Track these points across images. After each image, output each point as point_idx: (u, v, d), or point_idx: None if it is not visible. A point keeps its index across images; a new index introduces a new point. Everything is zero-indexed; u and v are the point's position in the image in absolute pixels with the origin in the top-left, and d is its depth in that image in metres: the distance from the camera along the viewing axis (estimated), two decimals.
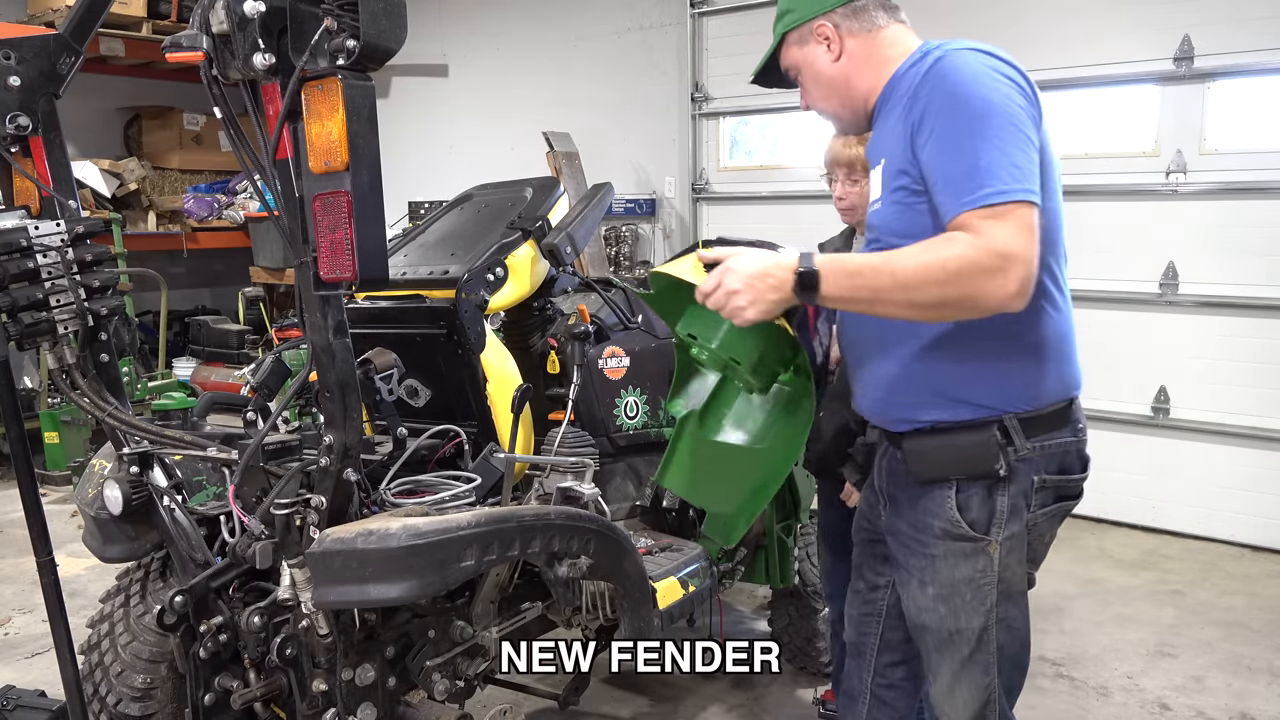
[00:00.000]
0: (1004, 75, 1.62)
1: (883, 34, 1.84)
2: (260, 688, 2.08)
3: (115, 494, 2.18)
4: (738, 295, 1.67)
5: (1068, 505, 1.85)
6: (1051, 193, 1.70)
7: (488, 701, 2.91)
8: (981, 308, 1.56)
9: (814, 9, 1.84)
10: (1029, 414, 1.73)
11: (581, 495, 2.32)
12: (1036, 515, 1.80)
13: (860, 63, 1.84)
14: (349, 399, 1.87)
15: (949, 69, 1.64)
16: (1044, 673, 3.58)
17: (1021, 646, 1.87)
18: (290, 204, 1.76)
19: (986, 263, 1.52)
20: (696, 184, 6.85)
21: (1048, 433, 1.75)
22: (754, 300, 1.66)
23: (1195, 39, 4.82)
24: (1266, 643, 3.84)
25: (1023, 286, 1.53)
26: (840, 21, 1.83)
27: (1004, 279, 1.52)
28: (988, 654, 1.83)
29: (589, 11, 7.25)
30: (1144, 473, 5.23)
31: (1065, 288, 1.80)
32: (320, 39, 1.61)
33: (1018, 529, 1.78)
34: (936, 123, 1.62)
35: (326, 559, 1.86)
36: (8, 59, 2.01)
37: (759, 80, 2.03)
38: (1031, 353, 1.73)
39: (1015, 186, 1.54)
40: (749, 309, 1.67)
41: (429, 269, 2.68)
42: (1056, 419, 1.76)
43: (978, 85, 1.61)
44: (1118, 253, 5.18)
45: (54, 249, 2.05)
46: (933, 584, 1.83)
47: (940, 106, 1.62)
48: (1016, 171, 1.55)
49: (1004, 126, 1.57)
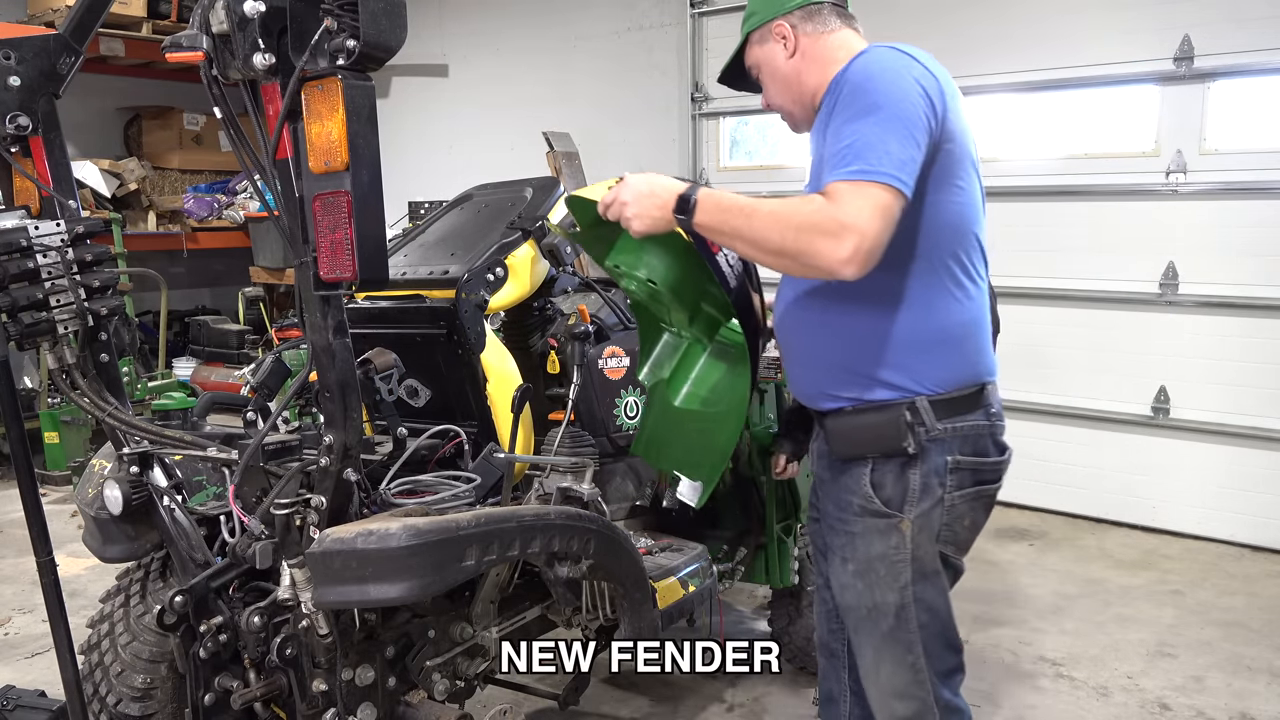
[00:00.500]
0: (909, 75, 1.74)
1: (834, 36, 1.97)
2: (260, 688, 2.08)
3: (115, 494, 2.18)
4: (627, 206, 1.86)
5: (987, 490, 1.92)
6: (961, 189, 1.82)
7: (488, 701, 2.91)
8: (814, 266, 1.68)
9: (773, 11, 1.99)
10: (939, 396, 1.84)
11: (581, 495, 2.32)
12: (953, 496, 1.87)
13: (811, 61, 1.96)
14: (349, 399, 1.87)
15: (859, 65, 1.77)
16: (1044, 673, 3.59)
17: (945, 627, 1.94)
18: (290, 204, 1.76)
19: (826, 226, 1.64)
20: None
21: (958, 415, 1.85)
22: (639, 213, 1.85)
23: (1195, 39, 4.82)
24: (1266, 643, 3.84)
25: (854, 255, 1.63)
26: (797, 22, 1.97)
27: (836, 244, 1.63)
28: (908, 632, 1.90)
29: (589, 11, 7.25)
30: (1144, 473, 5.23)
31: (979, 278, 1.89)
32: (320, 39, 1.61)
33: (929, 507, 1.86)
34: (838, 112, 1.76)
35: (326, 559, 1.86)
36: (8, 59, 2.01)
37: (726, 81, 2.17)
38: (943, 339, 1.84)
39: (879, 169, 1.65)
40: (634, 220, 1.86)
41: (429, 269, 2.68)
42: (967, 402, 1.87)
43: (877, 80, 1.73)
44: (1118, 253, 5.19)
45: (54, 249, 2.05)
46: (852, 560, 1.93)
47: (844, 98, 1.76)
48: (887, 157, 1.66)
49: (890, 118, 1.69)
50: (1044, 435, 5.50)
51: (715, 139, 6.83)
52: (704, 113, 6.80)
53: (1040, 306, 5.45)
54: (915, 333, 1.83)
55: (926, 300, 1.81)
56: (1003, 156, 5.56)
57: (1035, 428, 5.52)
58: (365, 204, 1.67)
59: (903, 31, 5.67)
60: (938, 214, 1.79)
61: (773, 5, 1.99)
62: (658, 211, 1.83)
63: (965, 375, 1.87)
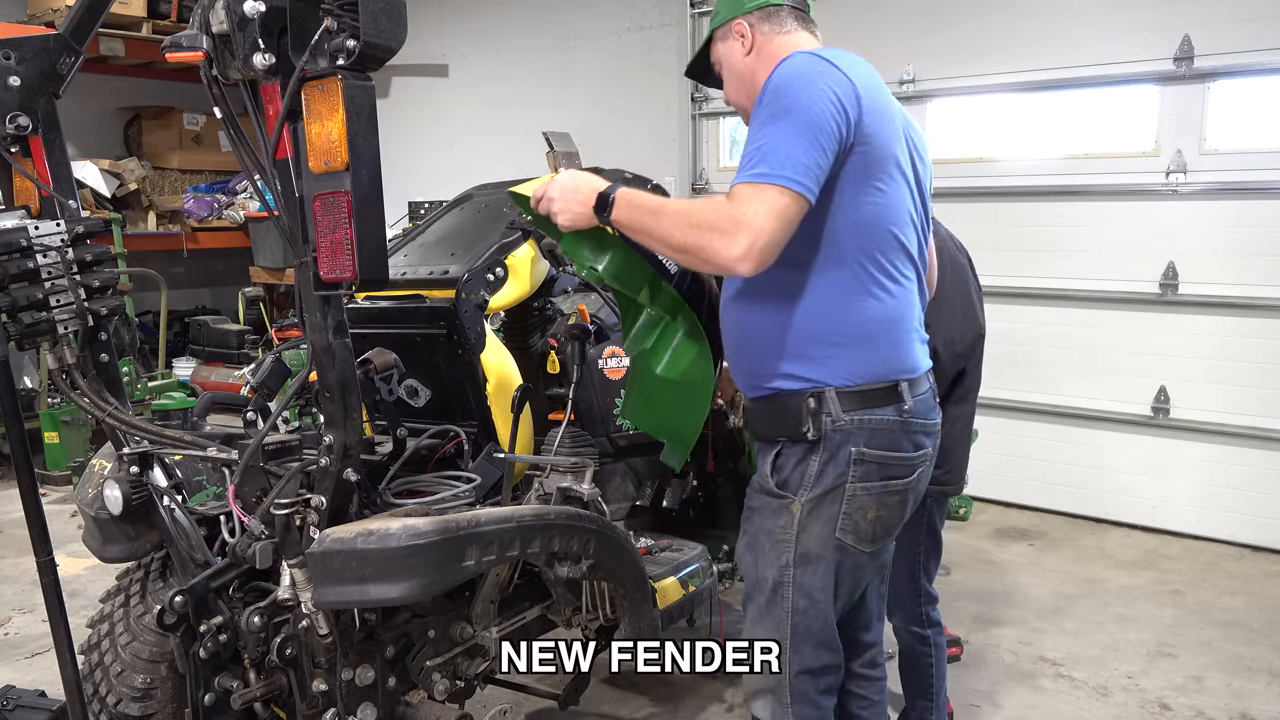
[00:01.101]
0: (823, 81, 1.81)
1: (788, 38, 2.04)
2: (260, 688, 2.08)
3: (115, 494, 2.18)
4: (554, 203, 1.97)
5: (895, 485, 1.96)
6: (880, 190, 1.88)
7: (488, 701, 2.91)
8: (710, 262, 1.77)
9: (735, 10, 2.10)
10: (848, 389, 1.91)
11: (581, 495, 2.32)
12: (855, 487, 1.92)
13: (764, 60, 2.03)
14: (349, 399, 1.87)
15: (778, 71, 1.85)
16: (1044, 673, 3.59)
17: (823, 622, 1.99)
18: (290, 204, 1.76)
19: (722, 224, 1.74)
20: (696, 184, 6.86)
21: (868, 408, 1.91)
22: (564, 209, 1.96)
23: (1195, 39, 4.82)
24: (1266, 643, 3.84)
25: (747, 253, 1.72)
26: (755, 22, 2.07)
27: (731, 242, 1.72)
28: (780, 610, 1.98)
29: (589, 11, 7.25)
30: (1144, 473, 5.23)
31: (902, 278, 1.95)
32: (320, 39, 1.61)
33: (822, 494, 1.93)
34: (755, 115, 1.85)
35: (326, 559, 1.86)
36: (8, 59, 2.01)
37: (693, 75, 2.29)
38: (855, 334, 1.90)
39: (779, 173, 1.73)
40: (560, 215, 1.97)
41: (429, 269, 2.68)
42: (878, 396, 1.92)
43: (791, 86, 1.81)
44: (1118, 253, 5.19)
45: (54, 249, 2.05)
46: (747, 533, 2.05)
47: (762, 102, 1.84)
48: (789, 161, 1.74)
49: (796, 124, 1.76)
50: (1044, 435, 5.50)
51: (715, 139, 6.84)
52: (704, 112, 6.80)
53: (1040, 306, 5.45)
54: (828, 327, 1.90)
55: (839, 297, 1.88)
56: (1003, 156, 5.56)
57: (1035, 428, 5.52)
58: (365, 204, 1.67)
59: (903, 32, 5.69)
60: (852, 214, 1.86)
61: (734, 4, 2.10)
62: (580, 208, 1.94)
63: (877, 370, 1.92)
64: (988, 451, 5.09)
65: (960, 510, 4.31)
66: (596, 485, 2.41)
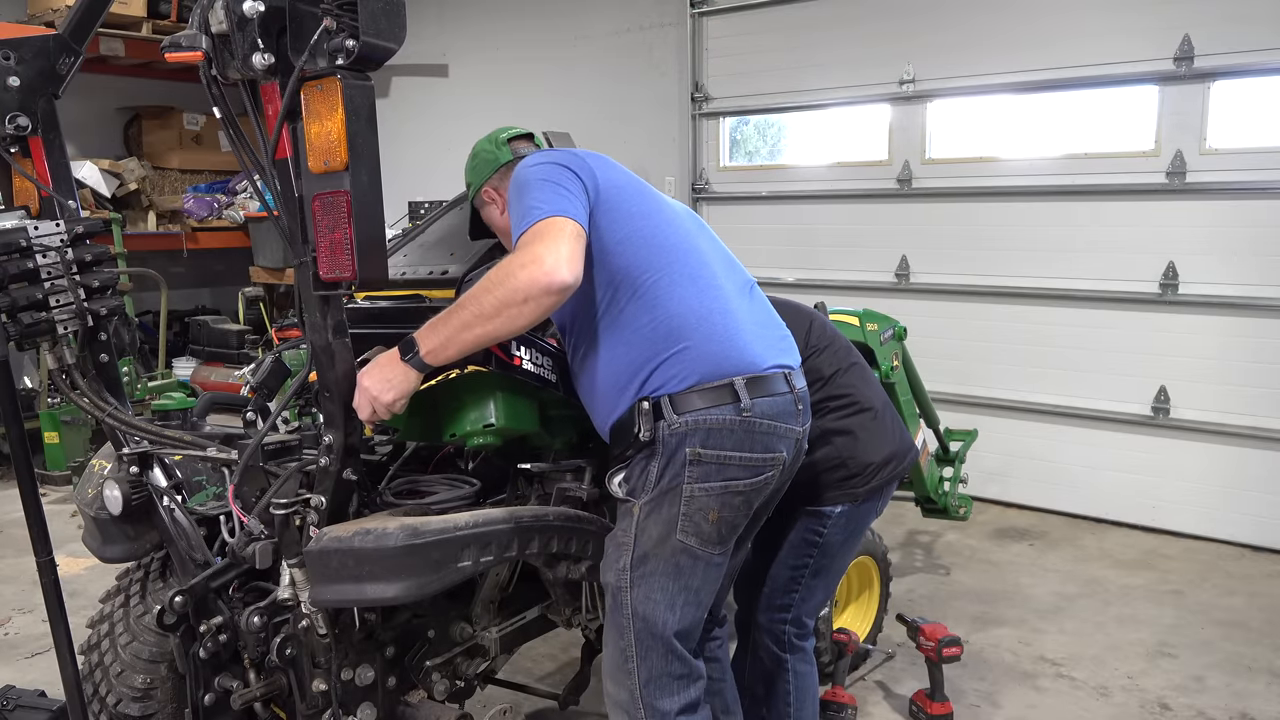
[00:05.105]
0: (543, 161, 2.04)
1: None
2: (260, 688, 2.09)
3: (115, 494, 2.18)
4: (369, 391, 1.88)
5: (736, 486, 1.98)
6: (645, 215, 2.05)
7: (488, 701, 2.91)
8: (531, 294, 1.80)
9: (478, 180, 2.34)
10: (679, 393, 1.95)
11: (581, 496, 2.32)
12: (694, 488, 1.95)
13: None
14: (349, 399, 1.87)
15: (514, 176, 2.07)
16: (1044, 673, 3.59)
17: (663, 626, 1.99)
18: (290, 204, 1.76)
19: (518, 259, 1.84)
20: (696, 184, 6.86)
21: (702, 408, 1.95)
22: (383, 389, 1.88)
23: (1195, 39, 4.82)
24: (1266, 643, 3.84)
25: (555, 265, 1.80)
26: (497, 184, 2.29)
27: (536, 265, 1.80)
28: (622, 615, 2.01)
29: (589, 11, 7.25)
30: (1144, 473, 5.23)
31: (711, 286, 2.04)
32: (319, 39, 1.61)
33: (659, 495, 1.97)
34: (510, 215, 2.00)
35: (323, 557, 1.86)
36: (8, 59, 2.01)
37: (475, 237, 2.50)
38: (670, 344, 1.97)
39: (537, 213, 1.88)
40: (384, 396, 1.88)
41: (429, 269, 2.68)
42: (712, 395, 1.96)
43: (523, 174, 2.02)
44: (1118, 252, 5.19)
45: (54, 249, 2.04)
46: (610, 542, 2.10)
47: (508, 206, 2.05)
48: (545, 205, 1.89)
49: (538, 186, 1.94)
50: (1044, 435, 5.50)
51: (715, 139, 6.83)
52: (704, 112, 6.80)
53: (1040, 306, 5.45)
54: (648, 345, 1.97)
55: (644, 317, 1.97)
56: (1003, 156, 5.56)
57: (1035, 427, 5.52)
58: (365, 204, 1.68)
59: (903, 32, 5.69)
60: (628, 242, 1.99)
61: (477, 175, 2.34)
62: (394, 372, 1.89)
63: (705, 372, 1.96)
64: (988, 451, 5.10)
65: (960, 510, 4.31)
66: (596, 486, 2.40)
